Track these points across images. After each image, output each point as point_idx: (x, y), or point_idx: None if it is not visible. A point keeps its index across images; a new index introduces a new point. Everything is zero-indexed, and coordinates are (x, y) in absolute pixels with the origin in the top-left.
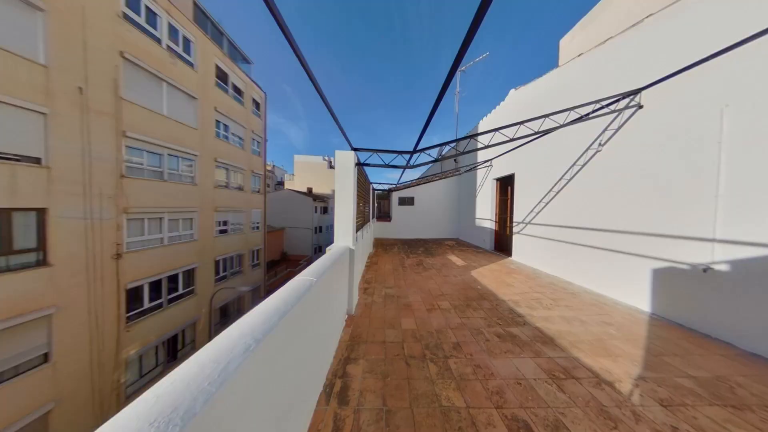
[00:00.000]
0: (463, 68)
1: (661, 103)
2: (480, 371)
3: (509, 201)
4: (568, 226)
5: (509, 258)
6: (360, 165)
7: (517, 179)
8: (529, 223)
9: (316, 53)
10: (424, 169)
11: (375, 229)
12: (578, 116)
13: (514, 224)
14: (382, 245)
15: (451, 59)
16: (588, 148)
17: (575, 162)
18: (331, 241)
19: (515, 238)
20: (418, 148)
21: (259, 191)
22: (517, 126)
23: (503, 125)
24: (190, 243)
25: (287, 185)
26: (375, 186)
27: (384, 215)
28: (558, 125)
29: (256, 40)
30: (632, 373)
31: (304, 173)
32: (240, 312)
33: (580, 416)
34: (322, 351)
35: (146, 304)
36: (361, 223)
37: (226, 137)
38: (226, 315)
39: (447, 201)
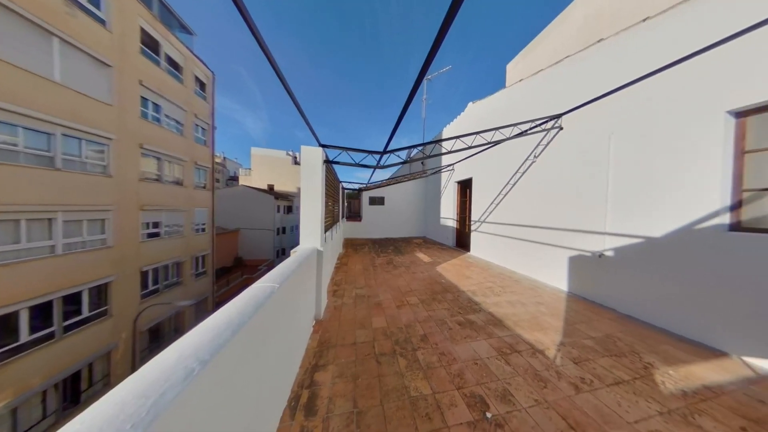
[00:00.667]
0: (429, 77)
1: (575, 127)
2: (444, 358)
3: (468, 202)
4: (512, 223)
5: (468, 253)
6: (329, 162)
7: (474, 183)
8: (484, 221)
9: (278, 37)
10: (394, 169)
11: (345, 229)
12: (519, 132)
13: (472, 223)
14: (352, 245)
15: (419, 65)
16: (526, 159)
17: (517, 170)
18: (296, 243)
19: (473, 235)
20: (388, 149)
21: (205, 187)
22: (474, 135)
23: (463, 134)
24: (101, 251)
25: (243, 181)
26: (345, 185)
27: (354, 215)
28: (505, 138)
29: (200, 9)
30: (556, 341)
31: (263, 168)
32: (179, 332)
33: (521, 383)
34: (287, 363)
35: (24, 337)
36: (330, 223)
37: (158, 119)
38: (158, 338)
39: (416, 201)
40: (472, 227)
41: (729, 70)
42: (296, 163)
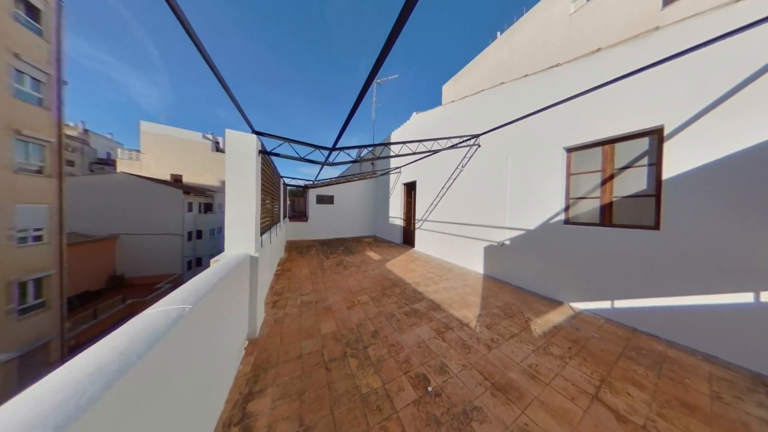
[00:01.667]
0: (379, 81)
1: (488, 146)
2: (393, 349)
3: (413, 202)
4: (446, 221)
5: (414, 248)
6: (266, 153)
7: (418, 185)
8: (426, 220)
9: None
10: (343, 167)
11: (288, 230)
12: (451, 144)
13: (416, 221)
14: (296, 248)
15: (369, 65)
16: (456, 168)
17: (450, 176)
18: (219, 250)
19: (417, 233)
20: (338, 146)
21: (42, 171)
22: (418, 143)
23: (409, 140)
24: None
25: (125, 167)
26: (288, 181)
27: (299, 214)
28: (441, 148)
29: None
30: (476, 314)
31: (164, 152)
32: None
33: (454, 354)
34: (206, 402)
35: None
36: (268, 224)
37: None
38: None
39: (366, 200)
40: (416, 225)
41: (565, 120)
42: (219, 150)
